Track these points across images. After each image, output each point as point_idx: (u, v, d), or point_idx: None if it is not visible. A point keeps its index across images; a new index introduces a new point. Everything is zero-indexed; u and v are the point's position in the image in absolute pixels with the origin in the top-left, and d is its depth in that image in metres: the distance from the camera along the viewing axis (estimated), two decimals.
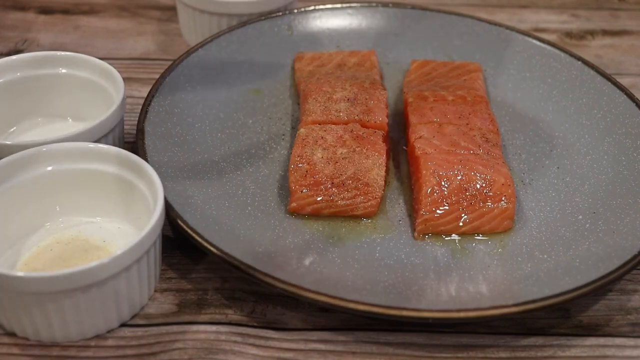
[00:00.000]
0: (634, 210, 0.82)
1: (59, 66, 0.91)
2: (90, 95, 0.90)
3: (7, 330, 0.72)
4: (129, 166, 0.77)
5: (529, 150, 0.93)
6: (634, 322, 0.76)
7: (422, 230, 0.81)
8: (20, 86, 0.90)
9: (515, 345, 0.73)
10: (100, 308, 0.69)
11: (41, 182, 0.77)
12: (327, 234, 0.81)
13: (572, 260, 0.77)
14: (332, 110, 0.90)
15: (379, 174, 0.83)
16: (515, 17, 1.28)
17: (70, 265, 0.74)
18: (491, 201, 0.81)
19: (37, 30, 1.19)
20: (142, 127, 0.86)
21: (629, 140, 0.91)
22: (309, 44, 1.07)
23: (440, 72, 1.00)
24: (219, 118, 0.94)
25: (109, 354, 0.70)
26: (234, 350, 0.71)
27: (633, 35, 1.25)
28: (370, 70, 0.99)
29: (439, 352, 0.72)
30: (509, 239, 0.81)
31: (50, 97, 0.92)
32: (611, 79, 0.98)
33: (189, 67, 0.97)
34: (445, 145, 0.86)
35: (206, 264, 0.80)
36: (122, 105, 0.85)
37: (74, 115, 0.93)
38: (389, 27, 1.10)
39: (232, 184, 0.86)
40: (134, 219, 0.78)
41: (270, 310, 0.75)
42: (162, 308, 0.75)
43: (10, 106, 0.90)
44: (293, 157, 0.84)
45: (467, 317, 0.70)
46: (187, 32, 1.15)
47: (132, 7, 1.26)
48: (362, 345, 0.72)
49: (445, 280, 0.76)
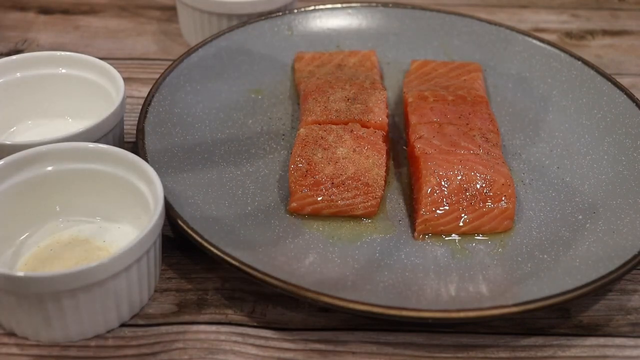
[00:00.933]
0: (634, 210, 0.82)
1: (59, 66, 0.91)
2: (91, 95, 0.90)
3: (7, 330, 0.72)
4: (129, 166, 0.77)
5: (529, 150, 0.93)
6: (634, 322, 0.76)
7: (422, 230, 0.81)
8: (21, 86, 0.90)
9: (515, 345, 0.73)
10: (100, 308, 0.69)
11: (41, 182, 0.77)
12: (327, 234, 0.81)
13: (572, 260, 0.77)
14: (332, 110, 0.90)
15: (379, 174, 0.83)
16: (515, 17, 1.28)
17: (70, 266, 0.74)
18: (491, 201, 0.81)
19: (37, 30, 1.19)
20: (142, 127, 0.86)
21: (629, 140, 0.91)
22: (309, 44, 1.07)
23: (440, 72, 1.00)
24: (219, 118, 0.94)
25: (109, 354, 0.70)
26: (234, 350, 0.71)
27: (633, 35, 1.24)
28: (370, 70, 0.99)
29: (439, 352, 0.72)
30: (509, 239, 0.81)
31: (51, 97, 0.92)
32: (611, 79, 0.98)
33: (189, 67, 0.97)
34: (445, 145, 0.86)
35: (206, 264, 0.80)
36: (122, 105, 0.85)
37: (74, 115, 0.93)
38: (389, 27, 1.10)
39: (232, 184, 0.86)
40: (134, 219, 0.78)
41: (270, 310, 0.75)
42: (162, 308, 0.75)
43: (11, 106, 0.90)
44: (293, 157, 0.84)
45: (467, 317, 0.70)
46: (187, 32, 1.15)
47: (132, 7, 1.26)
48: (362, 345, 0.72)
49: (445, 280, 0.76)
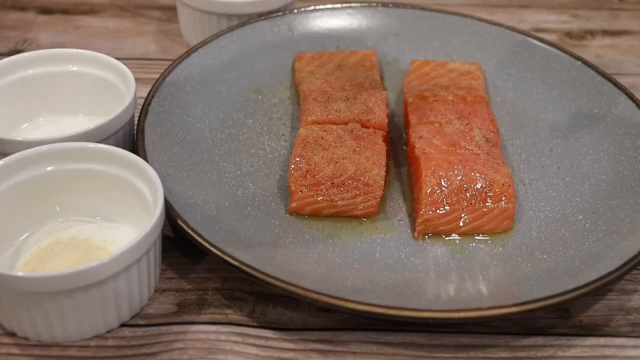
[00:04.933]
0: (634, 210, 0.82)
1: (70, 63, 0.91)
2: (102, 93, 0.91)
3: (7, 330, 0.72)
4: (129, 166, 0.77)
5: (529, 150, 0.93)
6: (634, 322, 0.76)
7: (422, 230, 0.81)
8: (32, 83, 0.91)
9: (515, 345, 0.73)
10: (100, 308, 0.69)
11: (41, 182, 0.77)
12: (327, 234, 0.81)
13: (572, 260, 0.77)
14: (332, 110, 0.90)
15: (379, 174, 0.83)
16: (515, 17, 1.28)
17: (70, 266, 0.74)
18: (491, 201, 0.81)
19: (37, 30, 1.19)
20: (142, 127, 0.86)
21: (629, 140, 0.91)
22: (309, 44, 1.07)
23: (440, 72, 1.00)
24: (219, 118, 0.94)
25: (109, 354, 0.70)
26: (234, 350, 0.71)
27: (633, 35, 1.24)
28: (370, 70, 0.99)
29: (439, 352, 0.72)
30: (509, 239, 0.81)
31: (62, 94, 0.92)
32: (611, 79, 0.98)
33: (189, 67, 0.97)
34: (445, 145, 0.86)
35: (206, 264, 0.80)
36: (133, 102, 0.86)
37: (85, 112, 0.93)
38: (389, 27, 1.10)
39: (232, 184, 0.86)
40: (134, 219, 0.78)
41: (270, 310, 0.75)
42: (162, 308, 0.75)
43: (22, 103, 0.91)
44: (293, 157, 0.84)
45: (467, 317, 0.70)
46: (187, 32, 1.15)
47: (132, 7, 1.26)
48: (362, 345, 0.72)
49: (445, 280, 0.76)
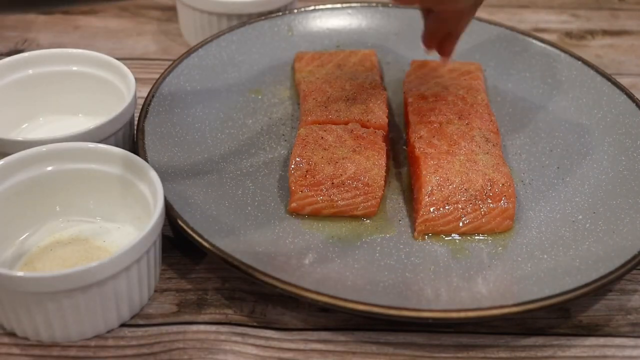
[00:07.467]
0: (634, 210, 0.82)
1: (70, 63, 0.91)
2: (102, 93, 0.91)
3: (7, 330, 0.72)
4: (129, 166, 0.77)
5: (529, 150, 0.93)
6: (634, 322, 0.76)
7: (422, 230, 0.81)
8: (32, 83, 0.91)
9: (515, 345, 0.73)
10: (100, 308, 0.69)
11: (41, 182, 0.77)
12: (327, 234, 0.81)
13: (572, 260, 0.77)
14: (332, 110, 0.90)
15: (379, 174, 0.83)
16: (515, 17, 1.28)
17: (70, 265, 0.74)
18: (491, 201, 0.81)
19: (37, 30, 1.19)
20: (142, 127, 0.86)
21: (629, 140, 0.91)
22: (309, 44, 1.07)
23: (440, 72, 1.00)
24: (219, 118, 0.94)
25: (109, 354, 0.70)
26: (234, 350, 0.71)
27: (633, 35, 1.24)
28: (370, 70, 0.99)
29: (439, 352, 0.72)
30: (509, 239, 0.81)
31: (62, 94, 0.92)
32: (611, 79, 0.98)
33: (189, 67, 0.97)
34: (445, 145, 0.86)
35: (206, 264, 0.80)
36: (134, 102, 0.86)
37: (86, 112, 0.93)
38: (389, 27, 1.10)
39: (232, 184, 0.85)
40: (134, 219, 0.78)
41: (270, 310, 0.75)
42: (162, 308, 0.75)
43: (22, 103, 0.91)
44: (293, 157, 0.84)
45: (467, 317, 0.70)
46: (187, 32, 1.15)
47: (132, 7, 1.26)
48: (362, 345, 0.72)
49: (445, 280, 0.76)
